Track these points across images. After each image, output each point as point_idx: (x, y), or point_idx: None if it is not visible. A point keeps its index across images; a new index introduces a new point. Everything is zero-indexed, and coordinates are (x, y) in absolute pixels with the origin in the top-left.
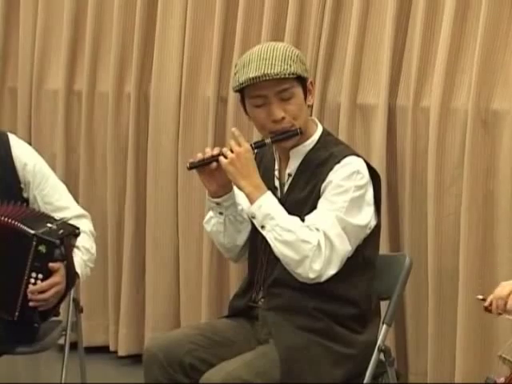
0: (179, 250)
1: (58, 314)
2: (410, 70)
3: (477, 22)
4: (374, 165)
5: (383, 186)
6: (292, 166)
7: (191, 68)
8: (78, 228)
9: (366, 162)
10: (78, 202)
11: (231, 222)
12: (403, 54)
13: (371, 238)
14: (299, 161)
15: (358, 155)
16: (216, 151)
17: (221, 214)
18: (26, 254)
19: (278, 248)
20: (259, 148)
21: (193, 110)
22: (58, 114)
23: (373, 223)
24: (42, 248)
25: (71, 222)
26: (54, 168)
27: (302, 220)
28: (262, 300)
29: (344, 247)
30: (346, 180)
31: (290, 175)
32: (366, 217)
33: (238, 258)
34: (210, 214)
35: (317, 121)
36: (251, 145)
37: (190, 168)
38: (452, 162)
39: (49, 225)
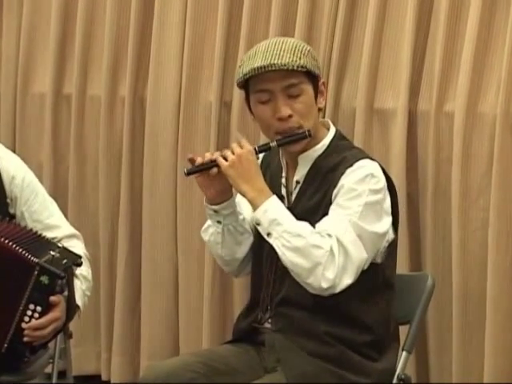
0: (178, 269)
1: (46, 347)
2: (433, 71)
3: (506, 18)
4: (393, 175)
5: (403, 198)
6: (300, 173)
7: (192, 69)
8: (80, 257)
9: (382, 168)
10: (66, 217)
11: (230, 233)
12: (425, 53)
13: (389, 256)
14: (308, 167)
15: (373, 159)
16: (216, 155)
17: (219, 222)
18: (25, 283)
19: (287, 256)
20: (264, 152)
21: (193, 115)
22: (45, 119)
23: (391, 236)
24: (44, 279)
25: (61, 242)
26: (40, 179)
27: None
28: (269, 321)
29: (359, 255)
30: (360, 183)
31: (298, 183)
32: (383, 225)
33: (238, 272)
34: (208, 222)
35: (330, 123)
36: (255, 148)
37: (188, 174)
38: (479, 172)
39: (52, 252)
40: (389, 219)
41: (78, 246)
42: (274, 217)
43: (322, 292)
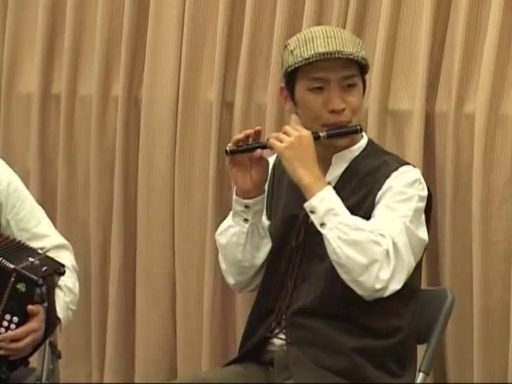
0: (176, 283)
1: (27, 364)
2: (452, 69)
3: None
4: None
5: None
6: (334, 174)
7: (191, 67)
8: (63, 265)
9: None
10: (55, 226)
11: (253, 235)
12: (443, 49)
13: (416, 267)
14: (343, 168)
15: (415, 166)
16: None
17: (246, 220)
18: (1, 291)
19: (343, 249)
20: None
21: (192, 116)
22: (31, 121)
23: None
24: (21, 286)
25: (50, 253)
26: (26, 185)
27: None
28: (284, 331)
29: (410, 261)
30: (409, 187)
31: (329, 184)
32: (425, 234)
33: (247, 284)
34: (229, 222)
35: None
36: None
37: (231, 153)
38: (502, 178)
39: (30, 259)
40: (425, 229)
41: (66, 257)
42: (331, 206)
43: (371, 293)
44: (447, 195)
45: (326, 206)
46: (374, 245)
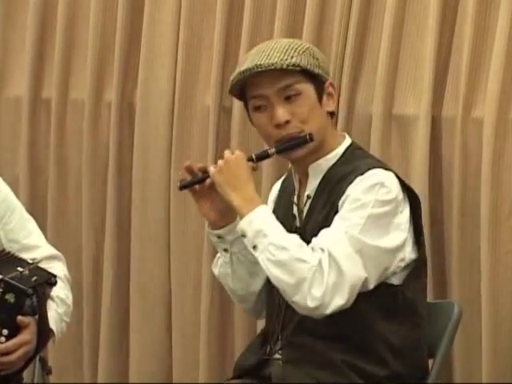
0: (171, 297)
1: (21, 380)
2: (459, 72)
3: None
4: (414, 189)
5: (425, 216)
6: (312, 186)
7: (187, 70)
8: (54, 276)
9: (400, 179)
10: (45, 236)
11: (240, 262)
12: (450, 51)
13: (412, 278)
14: (319, 179)
15: (389, 169)
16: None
17: (226, 251)
18: None
19: (271, 271)
20: (262, 159)
21: (189, 122)
22: (21, 127)
23: (408, 256)
24: (10, 297)
25: (41, 264)
26: (15, 193)
27: None
28: (280, 352)
29: (355, 272)
30: (366, 193)
31: (309, 197)
32: (392, 240)
33: (258, 311)
34: (219, 254)
35: (346, 134)
36: (252, 157)
37: (182, 188)
38: (511, 186)
39: (19, 269)
40: (400, 235)
41: (58, 268)
42: (259, 227)
43: (310, 312)
44: (454, 203)
45: (254, 228)
46: (299, 262)
